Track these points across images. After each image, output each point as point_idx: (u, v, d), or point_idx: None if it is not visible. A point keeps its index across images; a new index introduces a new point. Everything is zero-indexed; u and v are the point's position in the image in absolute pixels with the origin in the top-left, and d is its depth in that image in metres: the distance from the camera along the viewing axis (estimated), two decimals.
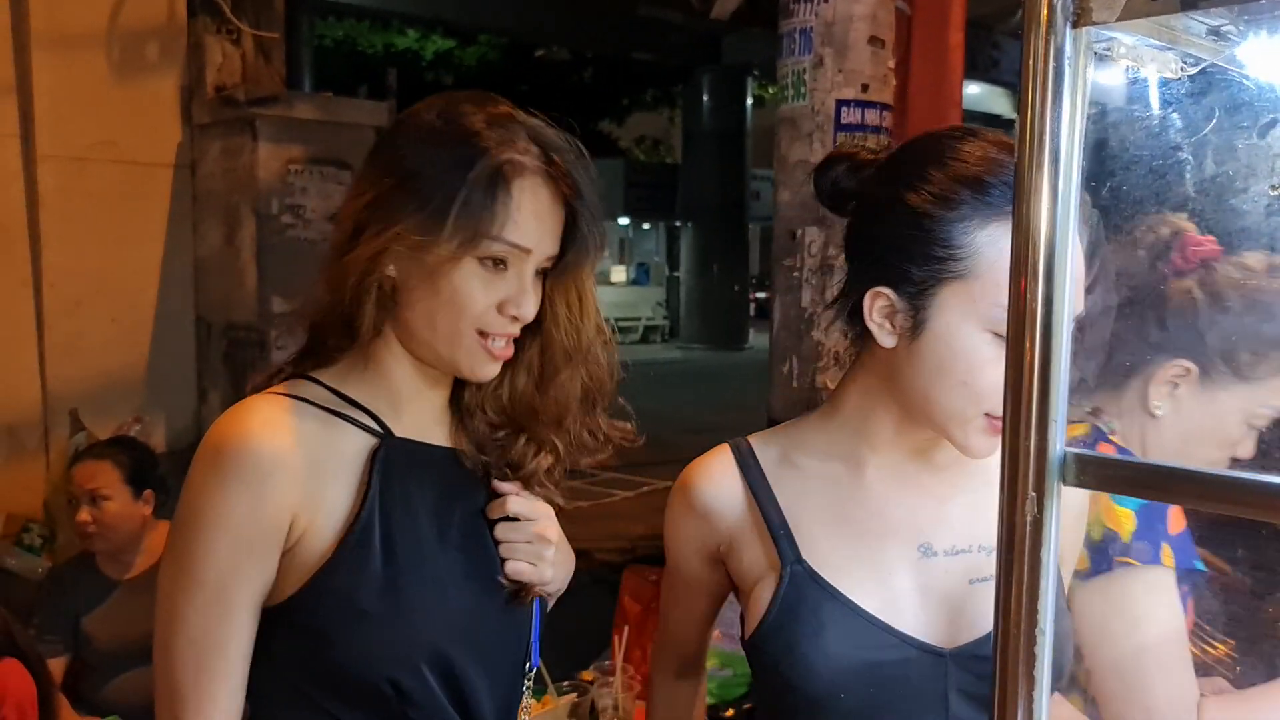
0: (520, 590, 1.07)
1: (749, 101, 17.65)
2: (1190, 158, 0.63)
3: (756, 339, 18.56)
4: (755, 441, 1.04)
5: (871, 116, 2.87)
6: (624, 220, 22.18)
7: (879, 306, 0.93)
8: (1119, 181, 0.62)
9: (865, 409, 1.00)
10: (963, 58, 2.81)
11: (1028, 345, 0.59)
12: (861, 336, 0.99)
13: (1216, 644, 3.45)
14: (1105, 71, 0.63)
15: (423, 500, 1.06)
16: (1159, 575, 1.11)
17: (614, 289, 21.00)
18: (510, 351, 1.06)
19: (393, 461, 1.05)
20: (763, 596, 0.96)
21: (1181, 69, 0.61)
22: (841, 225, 1.04)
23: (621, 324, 19.67)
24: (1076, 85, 0.56)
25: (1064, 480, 0.58)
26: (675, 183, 19.36)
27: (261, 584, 1.00)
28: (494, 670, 1.07)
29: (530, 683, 1.13)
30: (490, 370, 1.06)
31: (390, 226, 1.00)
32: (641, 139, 23.16)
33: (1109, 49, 0.58)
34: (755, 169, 18.29)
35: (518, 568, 1.05)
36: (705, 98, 17.50)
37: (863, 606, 0.94)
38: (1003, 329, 0.86)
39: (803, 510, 0.98)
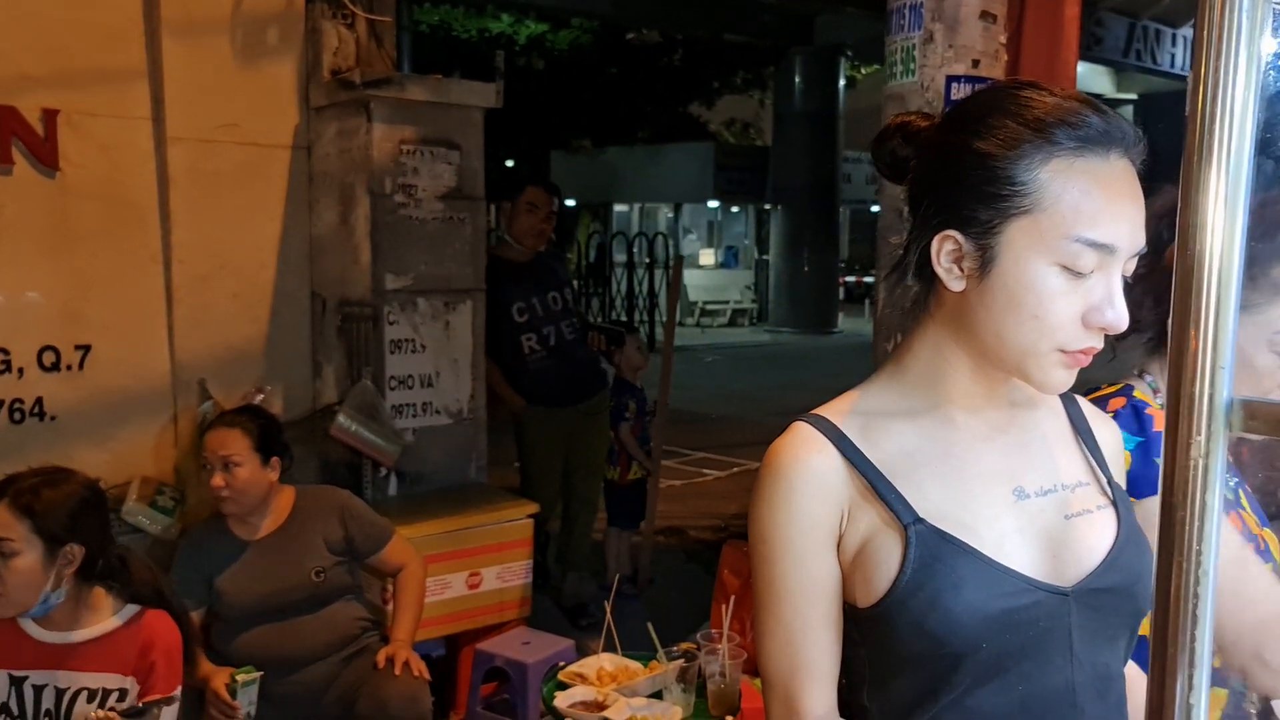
0: None
1: (841, 83, 17.43)
2: None
3: (845, 323, 18.38)
4: (831, 414, 1.01)
5: None
6: (713, 203, 22.11)
7: (947, 250, 0.95)
8: None
9: (938, 361, 1.00)
10: (1078, 32, 2.75)
11: (1195, 292, 0.61)
12: (927, 291, 1.01)
13: None
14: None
15: None
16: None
17: (703, 272, 20.98)
18: None
19: None
20: (889, 560, 0.95)
21: None
22: None
23: (709, 307, 19.66)
24: (1254, 40, 0.58)
25: (1230, 426, 0.60)
26: (765, 165, 19.24)
27: None
28: None
29: None
30: None
31: None
32: (731, 122, 23.04)
33: None
34: (847, 151, 18.07)
35: None
36: (797, 79, 17.32)
37: (989, 556, 0.95)
38: (1070, 261, 0.91)
39: (904, 470, 0.98)
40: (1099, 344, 0.93)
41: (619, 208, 22.99)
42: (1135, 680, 1.06)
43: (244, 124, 3.55)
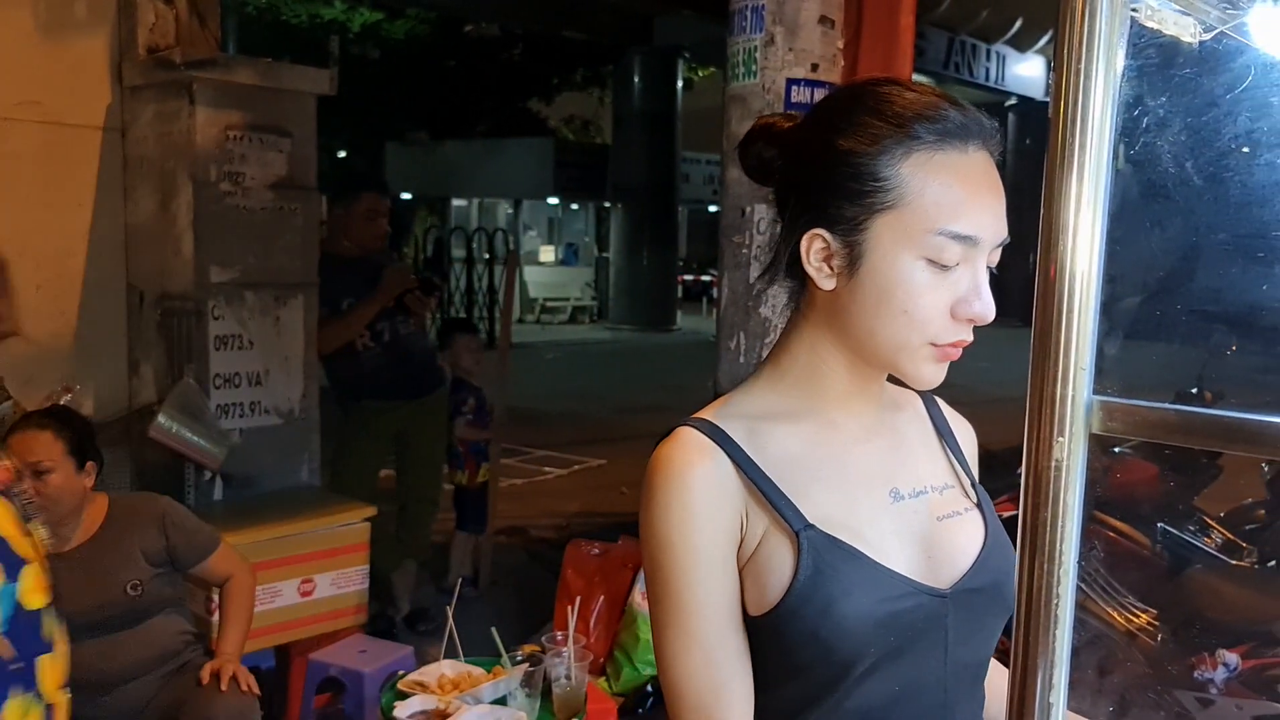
0: None
1: (679, 83, 17.67)
2: (1207, 123, 0.66)
3: (684, 320, 18.65)
4: (715, 418, 0.99)
5: (820, 95, 2.90)
6: (553, 200, 22.04)
7: (816, 249, 0.95)
8: (1151, 138, 0.65)
9: (815, 361, 1.00)
10: (914, 39, 2.85)
11: (1056, 295, 0.61)
12: (799, 291, 1.01)
13: (1139, 613, 3.57)
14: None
15: None
16: None
17: (542, 269, 20.89)
18: None
19: None
20: (781, 568, 0.93)
21: (1199, 34, 0.64)
22: None
23: (550, 304, 19.59)
24: (1112, 49, 0.58)
25: (1090, 426, 0.61)
26: (605, 163, 19.30)
27: None
28: None
29: None
30: None
31: None
32: (570, 119, 23.01)
33: (1136, 8, 0.61)
34: (685, 151, 18.33)
35: None
36: (636, 78, 17.45)
37: (875, 559, 0.95)
38: (936, 255, 0.92)
39: (791, 475, 0.97)
40: (969, 337, 0.95)
41: (457, 202, 22.64)
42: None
43: (47, 102, 3.28)
